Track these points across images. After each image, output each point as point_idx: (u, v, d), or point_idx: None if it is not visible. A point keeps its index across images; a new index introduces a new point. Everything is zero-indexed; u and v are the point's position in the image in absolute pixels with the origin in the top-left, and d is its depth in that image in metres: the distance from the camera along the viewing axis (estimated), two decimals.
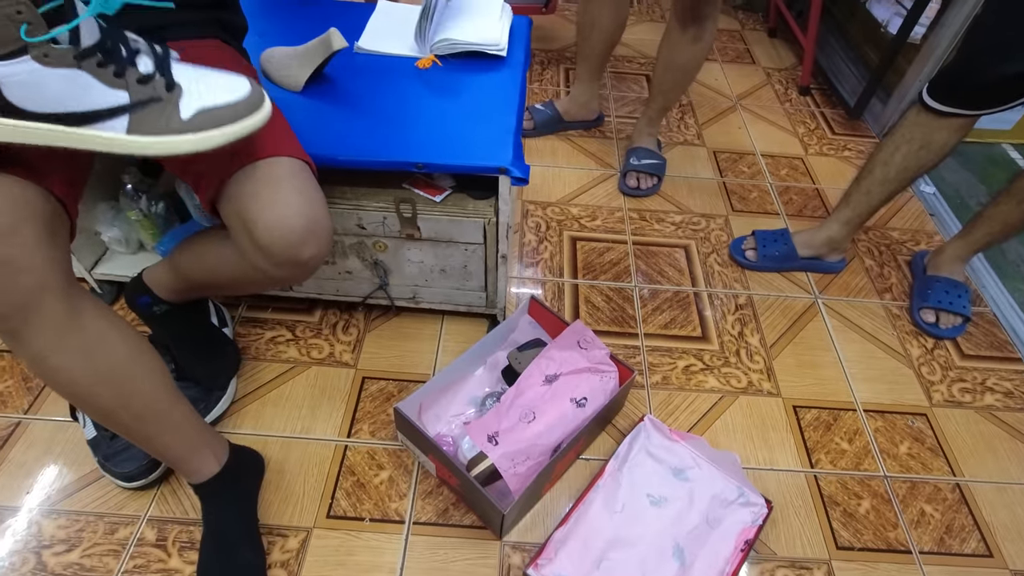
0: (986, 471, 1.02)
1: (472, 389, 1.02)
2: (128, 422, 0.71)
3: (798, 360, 1.16)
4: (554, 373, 0.96)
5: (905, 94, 1.64)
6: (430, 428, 0.96)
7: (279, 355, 1.10)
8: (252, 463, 0.90)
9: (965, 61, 1.00)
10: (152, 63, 0.57)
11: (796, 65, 2.04)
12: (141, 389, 0.70)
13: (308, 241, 0.68)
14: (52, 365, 0.63)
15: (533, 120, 1.61)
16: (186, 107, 0.57)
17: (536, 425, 0.88)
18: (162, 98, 0.56)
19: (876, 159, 1.16)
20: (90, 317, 0.64)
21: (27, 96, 0.52)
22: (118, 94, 0.55)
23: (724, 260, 1.35)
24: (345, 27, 1.02)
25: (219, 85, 0.59)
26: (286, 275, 0.72)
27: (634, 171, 1.47)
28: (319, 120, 0.93)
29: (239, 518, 0.83)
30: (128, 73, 0.55)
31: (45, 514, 0.88)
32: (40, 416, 0.99)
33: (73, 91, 0.53)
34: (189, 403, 0.78)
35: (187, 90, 0.58)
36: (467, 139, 0.91)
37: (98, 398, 0.67)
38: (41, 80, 0.52)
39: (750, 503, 0.92)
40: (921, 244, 1.42)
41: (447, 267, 1.04)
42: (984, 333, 1.24)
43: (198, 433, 0.79)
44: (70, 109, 0.54)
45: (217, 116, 0.58)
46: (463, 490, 0.89)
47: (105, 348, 0.65)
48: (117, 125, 0.56)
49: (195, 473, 0.80)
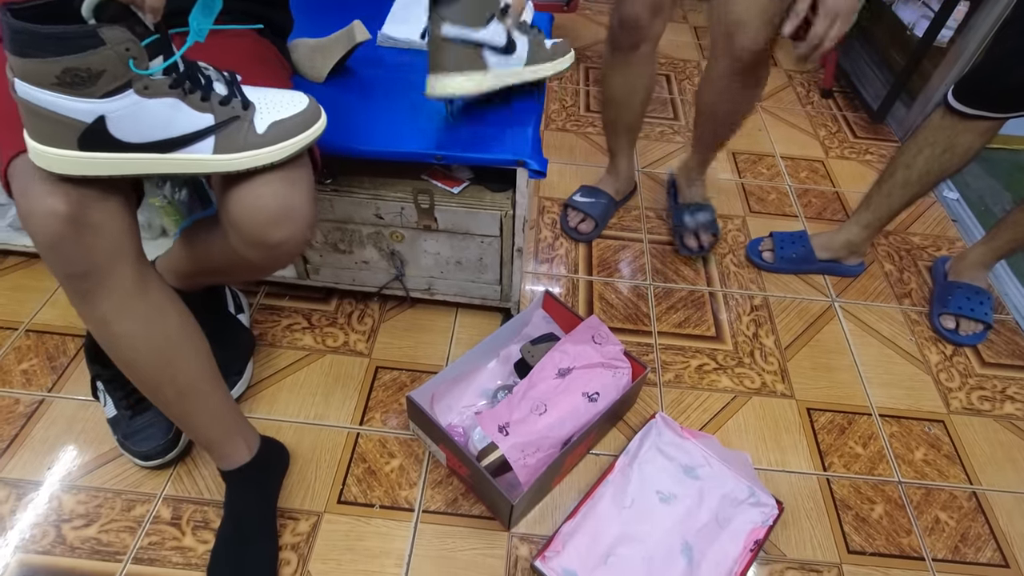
0: (1004, 480, 1.00)
1: (484, 381, 1.02)
2: (171, 397, 0.74)
3: (813, 363, 1.15)
4: (567, 367, 0.96)
5: (930, 98, 1.62)
6: (442, 418, 0.97)
7: (295, 342, 1.12)
8: (279, 456, 0.92)
9: (993, 63, 0.98)
10: (225, 86, 0.62)
11: (819, 67, 2.01)
12: (188, 366, 0.73)
13: (281, 223, 0.65)
14: (115, 331, 0.66)
15: (590, 217, 1.35)
16: (260, 123, 0.62)
17: (547, 417, 0.89)
18: (240, 116, 0.61)
19: (898, 162, 1.14)
20: (154, 288, 0.68)
21: (128, 128, 0.57)
22: (205, 117, 0.60)
23: (740, 261, 1.34)
24: (368, 19, 1.03)
25: (283, 101, 0.65)
26: (258, 258, 0.70)
27: (692, 232, 1.29)
28: (340, 111, 0.94)
29: (260, 508, 0.85)
30: (212, 96, 0.60)
31: (65, 489, 0.91)
32: (63, 395, 1.01)
33: (168, 118, 0.58)
34: (227, 388, 0.80)
35: (258, 107, 0.63)
36: (486, 131, 0.92)
37: (150, 368, 0.71)
38: (141, 111, 0.56)
39: (761, 503, 0.92)
40: (943, 250, 1.40)
41: (463, 259, 1.04)
42: (1006, 341, 1.21)
43: (234, 420, 0.81)
44: (165, 136, 0.59)
45: (286, 128, 0.63)
46: (473, 480, 0.90)
47: (163, 319, 0.69)
48: (204, 146, 0.61)
49: (226, 459, 0.82)
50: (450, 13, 0.83)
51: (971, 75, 1.01)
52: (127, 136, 0.57)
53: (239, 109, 0.61)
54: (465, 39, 0.85)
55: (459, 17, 0.83)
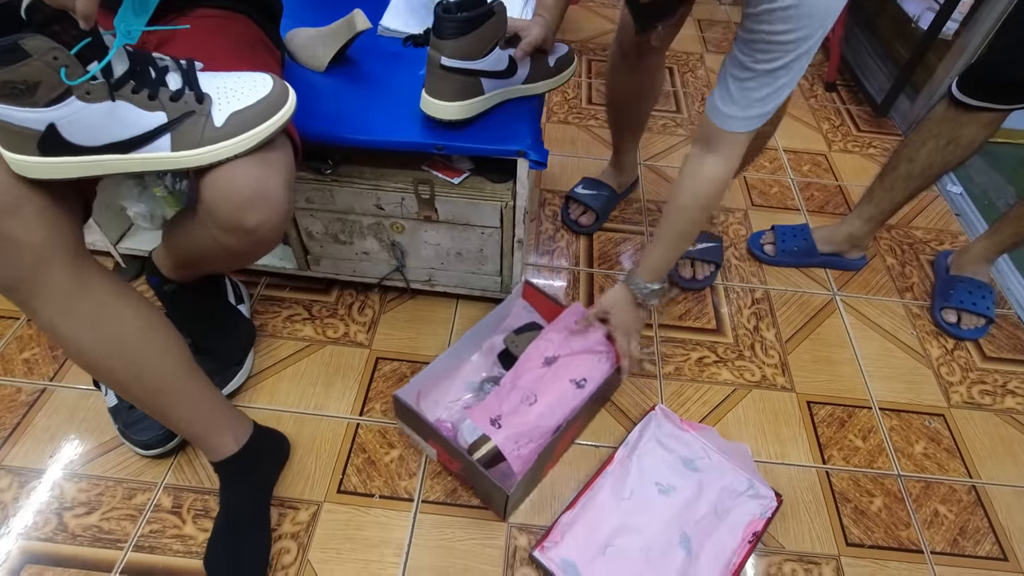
0: (1004, 474, 1.00)
1: (469, 374, 1.02)
2: (141, 395, 0.73)
3: (814, 356, 1.15)
4: (553, 355, 0.96)
5: (934, 92, 1.61)
6: (429, 414, 0.96)
7: (295, 333, 1.12)
8: (275, 445, 0.91)
9: (998, 54, 0.98)
10: (180, 78, 0.60)
11: (823, 60, 2.00)
12: (153, 363, 0.71)
13: (256, 206, 0.63)
14: (61, 333, 0.65)
15: (591, 210, 1.33)
16: (218, 114, 0.60)
17: (538, 407, 0.89)
18: (195, 111, 0.60)
19: (901, 155, 1.14)
20: (98, 288, 0.66)
21: (81, 133, 0.56)
22: (156, 115, 0.58)
23: (742, 254, 1.34)
24: (369, 8, 1.02)
25: (244, 87, 0.62)
26: (235, 244, 0.68)
27: (688, 258, 1.23)
28: (341, 100, 0.94)
29: (254, 499, 0.84)
30: (161, 93, 0.58)
31: (67, 477, 0.91)
32: (65, 384, 1.02)
33: (117, 120, 0.57)
34: (207, 380, 0.79)
35: (215, 98, 0.61)
36: (486, 122, 0.92)
37: (109, 369, 0.69)
38: (88, 116, 0.56)
39: (759, 495, 0.92)
40: (945, 244, 1.40)
41: (463, 250, 1.04)
42: (1008, 336, 1.21)
43: (216, 410, 0.80)
44: (119, 137, 0.58)
45: (247, 118, 0.61)
46: (465, 474, 0.90)
47: (112, 319, 0.67)
48: (162, 144, 0.60)
49: (212, 451, 0.81)
50: (450, 48, 0.82)
51: (975, 67, 1.00)
52: (82, 140, 0.57)
53: (193, 103, 0.59)
54: (464, 69, 0.84)
55: (461, 52, 0.82)
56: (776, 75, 0.73)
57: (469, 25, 0.81)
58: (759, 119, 0.78)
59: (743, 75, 0.74)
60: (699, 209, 0.87)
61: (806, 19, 0.67)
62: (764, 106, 0.76)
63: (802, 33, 0.68)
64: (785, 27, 0.68)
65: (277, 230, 0.68)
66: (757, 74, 0.73)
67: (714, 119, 0.79)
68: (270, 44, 0.86)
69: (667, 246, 0.91)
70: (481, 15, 0.81)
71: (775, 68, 0.72)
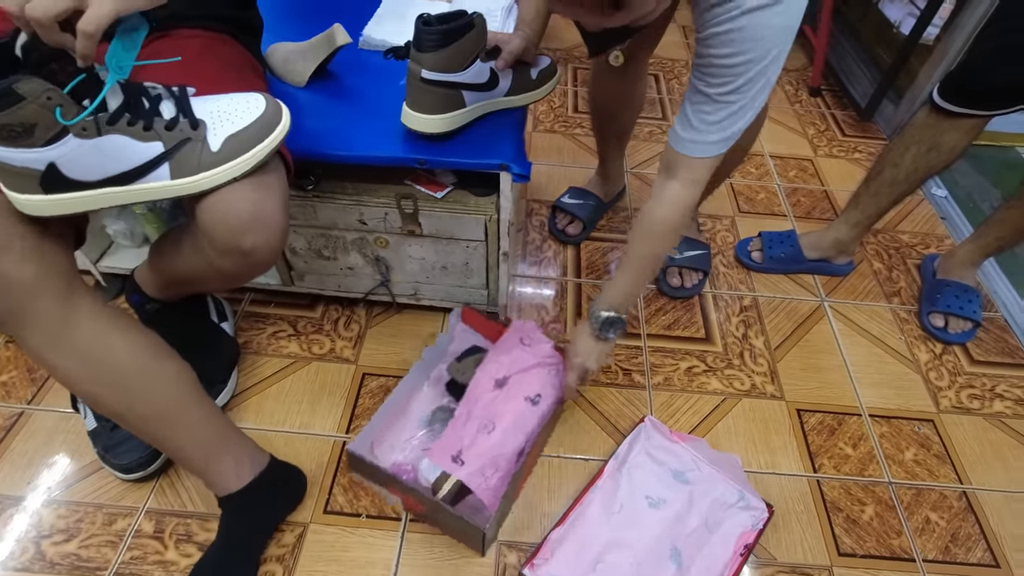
0: (994, 480, 1.00)
1: (419, 409, 0.99)
2: (136, 424, 0.72)
3: (803, 363, 1.15)
4: (503, 376, 0.95)
5: (917, 96, 1.62)
6: (385, 460, 0.92)
7: (280, 350, 1.10)
8: (288, 485, 0.88)
9: (977, 61, 0.98)
10: (173, 105, 0.60)
11: (807, 66, 2.01)
12: (149, 394, 0.70)
13: (253, 229, 0.63)
14: (51, 364, 0.65)
15: (578, 219, 1.32)
16: (213, 139, 0.60)
17: (496, 434, 0.88)
18: (191, 137, 0.60)
19: (885, 160, 1.14)
20: (88, 320, 0.65)
21: (80, 169, 0.57)
22: (153, 145, 0.59)
23: (729, 261, 1.33)
24: (349, 23, 1.02)
25: (237, 108, 0.62)
26: (231, 266, 0.68)
27: (676, 266, 1.24)
28: (322, 115, 0.93)
29: (247, 540, 0.82)
30: (156, 123, 0.58)
31: (45, 504, 0.89)
32: (43, 407, 1.00)
33: (115, 154, 0.57)
34: (212, 411, 0.77)
35: (210, 123, 0.61)
36: (468, 136, 0.91)
37: (101, 399, 0.68)
38: (86, 152, 0.56)
39: (750, 507, 0.91)
40: (931, 248, 1.40)
41: (448, 264, 1.03)
42: (995, 339, 1.21)
43: (217, 441, 0.77)
44: (118, 170, 0.58)
45: (243, 140, 0.61)
46: (434, 516, 0.87)
47: (104, 351, 0.66)
48: (161, 173, 0.60)
49: (213, 485, 0.79)
50: (430, 61, 0.81)
51: (956, 73, 1.01)
52: (83, 175, 0.57)
53: (188, 130, 0.59)
54: (445, 81, 0.83)
55: (441, 65, 0.82)
56: (729, 99, 0.71)
57: (449, 37, 0.80)
58: (721, 144, 0.76)
59: (697, 99, 0.74)
60: (660, 237, 0.85)
61: (751, 42, 0.66)
62: (724, 130, 0.74)
63: (750, 56, 0.67)
64: (730, 50, 0.67)
65: (274, 252, 0.68)
66: (710, 98, 0.72)
67: (673, 144, 0.78)
68: (256, 63, 0.86)
69: (630, 273, 0.89)
70: (461, 27, 0.80)
71: (727, 92, 0.71)
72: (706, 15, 0.67)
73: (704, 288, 1.26)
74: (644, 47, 1.10)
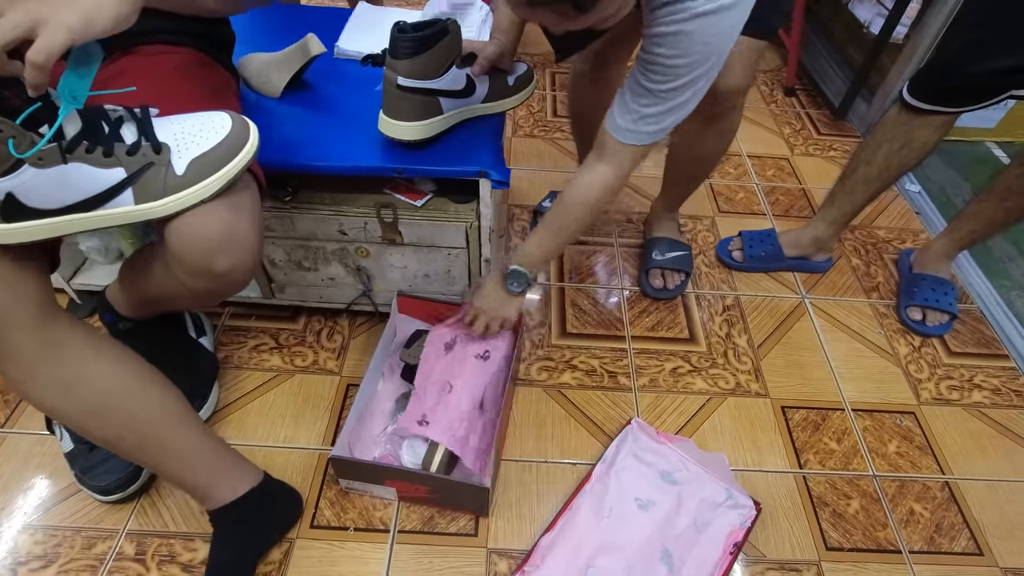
0: (975, 469, 1.02)
1: (383, 403, 1.00)
2: (127, 452, 0.71)
3: (786, 360, 1.16)
4: (451, 339, 0.99)
5: (889, 94, 1.65)
6: (367, 457, 0.93)
7: (262, 363, 1.09)
8: (280, 502, 0.87)
9: (944, 59, 1.00)
10: (135, 128, 0.58)
11: (781, 67, 2.04)
12: (135, 420, 0.68)
13: (226, 250, 0.62)
14: (33, 399, 0.63)
15: None
16: (178, 162, 0.59)
17: (456, 391, 0.92)
18: (154, 162, 0.58)
19: (859, 158, 1.16)
20: (70, 350, 0.63)
21: (39, 198, 0.55)
22: (114, 172, 0.57)
23: (711, 261, 1.34)
24: (323, 32, 1.01)
25: (202, 129, 0.60)
26: (203, 288, 0.67)
27: (658, 268, 1.25)
28: (298, 126, 0.92)
29: (237, 558, 0.81)
30: (116, 149, 0.56)
31: (22, 529, 0.87)
32: (17, 430, 0.97)
33: (75, 182, 0.55)
34: (200, 431, 0.75)
35: (174, 146, 0.59)
36: (446, 143, 0.91)
37: (89, 430, 0.67)
38: (44, 181, 0.54)
39: (738, 505, 0.92)
40: (907, 242, 1.43)
41: (431, 272, 1.03)
42: (971, 330, 1.24)
43: (211, 463, 0.76)
44: (79, 198, 0.56)
45: (210, 161, 0.59)
46: (434, 492, 0.88)
47: (87, 381, 0.64)
48: (124, 199, 0.58)
49: (205, 500, 0.78)
50: (406, 68, 0.81)
51: (924, 71, 1.03)
52: (42, 204, 0.55)
53: (151, 155, 0.57)
54: (422, 88, 0.83)
55: (416, 72, 0.81)
56: (669, 96, 0.73)
57: (424, 44, 0.80)
58: (652, 135, 0.78)
59: (638, 91, 0.75)
60: (580, 207, 0.86)
61: (699, 46, 0.67)
62: (657, 123, 0.76)
63: (695, 59, 0.68)
64: (676, 52, 0.68)
65: (249, 272, 0.66)
66: (651, 92, 0.73)
67: (610, 129, 0.80)
68: (229, 79, 0.85)
69: (546, 234, 0.90)
70: (436, 33, 0.80)
71: (668, 89, 0.72)
72: (657, 12, 0.67)
73: (687, 288, 1.27)
74: (621, 51, 1.10)
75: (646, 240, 1.33)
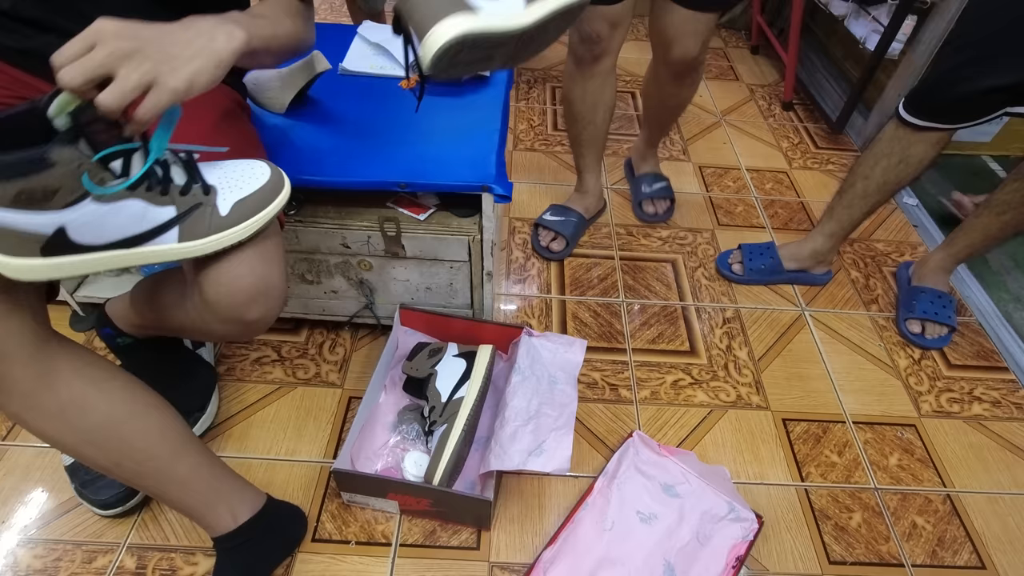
0: (977, 481, 1.02)
1: (385, 416, 1.00)
2: (128, 477, 0.71)
3: (786, 373, 1.16)
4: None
5: (886, 108, 1.67)
6: (368, 470, 0.92)
7: (264, 376, 1.09)
8: (284, 524, 0.86)
9: (939, 76, 1.02)
10: (183, 170, 0.60)
11: (779, 81, 2.07)
12: (134, 447, 0.68)
13: (258, 301, 0.65)
14: (31, 428, 0.63)
15: (561, 236, 1.35)
16: (223, 204, 0.61)
17: None
18: (202, 202, 0.60)
19: (857, 173, 1.17)
20: (65, 380, 0.63)
21: (89, 233, 0.55)
22: (167, 210, 0.58)
23: (711, 274, 1.35)
24: (329, 49, 1.03)
25: (244, 175, 0.63)
26: (230, 332, 0.69)
27: (649, 198, 1.48)
28: (303, 141, 0.93)
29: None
30: (171, 189, 0.58)
31: (22, 543, 0.86)
32: (18, 443, 0.97)
33: (129, 218, 0.56)
34: (199, 457, 0.75)
35: (220, 188, 0.61)
36: (450, 158, 0.92)
37: (89, 458, 0.67)
38: (101, 217, 0.54)
39: (741, 518, 0.91)
40: (906, 255, 1.44)
41: (433, 285, 1.03)
42: (970, 343, 1.24)
43: (210, 488, 0.76)
44: (128, 234, 0.57)
45: (250, 205, 0.62)
46: (436, 505, 0.88)
47: (84, 410, 0.64)
48: (169, 237, 0.59)
49: (208, 527, 0.78)
50: None
51: (920, 88, 1.04)
52: (89, 240, 0.55)
53: (200, 195, 0.60)
54: None
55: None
56: None
57: None
58: None
59: None
60: None
61: None
62: None
63: None
64: None
65: (274, 317, 0.69)
66: None
67: None
68: (241, 100, 0.86)
69: None
70: None
71: None
72: None
73: (687, 301, 1.28)
74: (615, 36, 1.12)
75: (634, 176, 1.54)
